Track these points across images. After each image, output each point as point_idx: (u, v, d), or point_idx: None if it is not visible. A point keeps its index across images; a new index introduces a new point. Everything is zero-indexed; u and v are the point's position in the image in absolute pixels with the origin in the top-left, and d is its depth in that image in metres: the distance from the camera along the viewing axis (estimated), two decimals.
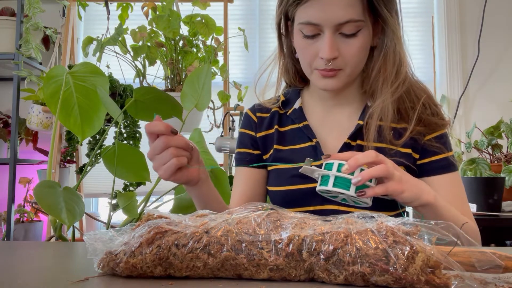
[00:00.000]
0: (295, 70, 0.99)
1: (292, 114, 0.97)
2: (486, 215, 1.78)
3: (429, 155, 0.90)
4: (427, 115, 0.89)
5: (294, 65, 0.98)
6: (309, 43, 0.84)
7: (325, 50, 0.81)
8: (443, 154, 0.90)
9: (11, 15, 2.32)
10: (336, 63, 0.83)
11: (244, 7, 2.71)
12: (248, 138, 1.01)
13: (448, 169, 0.90)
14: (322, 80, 0.86)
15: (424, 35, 2.66)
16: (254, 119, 1.01)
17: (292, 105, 0.98)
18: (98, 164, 1.72)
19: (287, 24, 0.92)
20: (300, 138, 0.94)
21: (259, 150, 0.99)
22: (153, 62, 1.91)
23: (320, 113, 0.97)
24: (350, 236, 0.50)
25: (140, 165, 1.19)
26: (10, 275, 0.58)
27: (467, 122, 2.55)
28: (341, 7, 0.78)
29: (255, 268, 0.53)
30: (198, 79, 1.16)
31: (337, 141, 0.91)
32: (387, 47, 0.86)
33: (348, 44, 0.82)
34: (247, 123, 1.02)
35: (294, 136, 0.96)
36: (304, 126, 0.94)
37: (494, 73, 2.59)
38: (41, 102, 2.17)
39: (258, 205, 0.60)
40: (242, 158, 1.01)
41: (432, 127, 0.90)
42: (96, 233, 0.59)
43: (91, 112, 1.19)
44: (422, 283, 0.47)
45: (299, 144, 0.94)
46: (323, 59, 0.82)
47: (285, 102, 1.00)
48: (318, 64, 0.84)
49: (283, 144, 0.96)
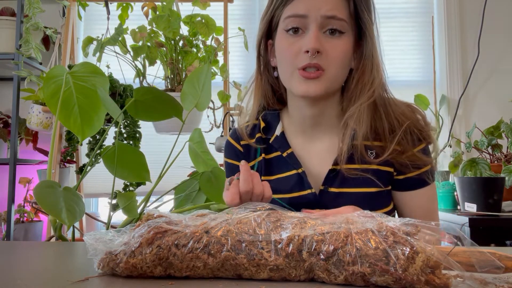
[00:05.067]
0: (272, 91, 0.97)
1: (275, 142, 0.94)
2: (486, 215, 1.78)
3: (405, 172, 0.90)
4: (406, 142, 0.88)
5: (271, 85, 0.96)
6: (293, 41, 0.84)
7: (310, 41, 0.81)
8: (418, 170, 0.90)
9: (11, 15, 2.32)
10: (319, 59, 0.82)
11: (244, 7, 2.71)
12: (236, 169, 0.94)
13: (421, 185, 0.91)
14: (303, 83, 0.83)
15: (424, 35, 2.66)
16: (240, 149, 0.98)
17: (273, 130, 0.96)
18: (98, 164, 1.72)
19: (267, 44, 0.93)
20: (286, 166, 0.93)
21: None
22: (153, 62, 1.91)
23: (302, 138, 0.94)
24: (350, 236, 0.50)
25: (140, 165, 1.20)
26: (10, 275, 0.58)
27: (467, 122, 2.55)
28: (329, 2, 0.82)
29: (255, 268, 0.53)
30: (198, 79, 1.16)
31: (323, 168, 0.90)
32: (365, 57, 0.87)
33: (332, 43, 0.83)
34: (232, 153, 1.00)
35: (279, 164, 0.94)
36: (288, 155, 0.92)
37: (494, 73, 2.59)
38: (41, 102, 2.17)
39: (258, 205, 0.60)
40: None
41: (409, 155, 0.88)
42: (96, 233, 0.59)
43: (91, 112, 1.19)
44: (422, 284, 0.47)
45: (285, 173, 0.92)
46: (307, 52, 0.81)
47: (265, 128, 0.97)
48: (301, 60, 0.82)
49: (270, 174, 0.94)
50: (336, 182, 0.89)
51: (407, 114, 0.89)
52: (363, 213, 0.55)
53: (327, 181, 0.89)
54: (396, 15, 2.66)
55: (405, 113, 0.89)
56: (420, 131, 0.90)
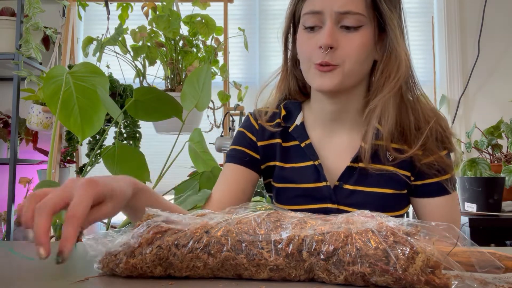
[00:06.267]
0: (297, 83, 0.98)
1: (294, 131, 0.94)
2: (486, 215, 1.78)
3: (423, 178, 0.89)
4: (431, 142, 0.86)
5: (296, 77, 0.97)
6: (310, 36, 0.84)
7: (323, 37, 0.81)
8: (437, 177, 0.88)
9: (11, 15, 2.32)
10: (334, 55, 0.81)
11: (244, 7, 2.71)
12: (248, 140, 0.97)
13: (441, 193, 0.88)
14: (319, 78, 0.83)
15: (424, 35, 2.66)
16: (256, 126, 0.98)
17: (294, 119, 0.95)
18: (98, 164, 1.72)
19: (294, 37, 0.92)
20: (303, 157, 0.92)
21: (258, 155, 0.96)
22: (153, 62, 1.91)
23: (321, 131, 0.94)
24: (350, 236, 0.50)
25: (140, 165, 1.19)
26: (10, 275, 0.58)
27: (467, 122, 2.55)
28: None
29: (255, 268, 0.53)
30: (198, 79, 1.16)
31: (339, 164, 0.89)
32: (388, 47, 0.85)
33: (348, 38, 0.82)
34: (249, 126, 0.99)
35: (296, 154, 0.93)
36: (306, 146, 0.92)
37: (494, 73, 2.59)
38: (41, 102, 2.17)
39: (259, 205, 0.60)
40: (238, 156, 0.96)
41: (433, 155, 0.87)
42: (95, 235, 0.59)
43: (91, 112, 1.18)
44: (422, 284, 0.47)
45: (301, 163, 0.92)
46: (321, 48, 0.81)
47: (286, 116, 0.97)
48: (317, 56, 0.83)
49: (285, 162, 0.94)
50: (352, 180, 0.88)
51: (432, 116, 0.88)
52: (363, 213, 0.55)
53: (342, 177, 0.88)
54: None
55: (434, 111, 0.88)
56: (446, 136, 0.88)
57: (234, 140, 1.00)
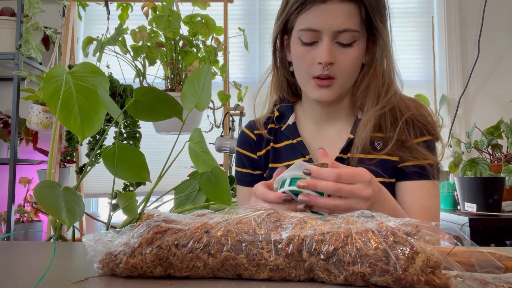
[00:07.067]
0: (288, 84, 1.02)
1: (286, 130, 0.99)
2: (486, 215, 1.78)
3: (404, 161, 0.91)
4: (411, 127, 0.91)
5: (286, 79, 1.01)
6: (307, 50, 0.87)
7: (323, 54, 0.84)
8: (417, 161, 0.90)
9: (11, 15, 2.32)
10: (332, 69, 0.86)
11: (244, 7, 2.71)
12: (247, 159, 1.03)
13: (419, 177, 0.89)
14: (317, 90, 0.88)
15: (424, 35, 2.66)
16: (253, 138, 1.03)
17: (286, 120, 1.01)
18: (98, 164, 1.72)
19: (283, 39, 0.96)
20: (294, 154, 0.97)
21: (259, 170, 1.02)
22: (153, 62, 1.91)
23: (312, 128, 0.99)
24: (350, 236, 0.50)
25: (140, 165, 1.19)
26: (10, 275, 0.58)
27: (467, 122, 2.55)
28: (340, 16, 0.83)
29: (255, 268, 0.53)
30: (198, 79, 1.16)
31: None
32: (378, 58, 0.90)
33: (344, 53, 0.86)
34: (245, 143, 1.04)
35: (288, 152, 0.98)
36: (298, 143, 0.96)
37: (494, 73, 2.59)
38: (41, 102, 2.17)
39: (258, 205, 0.60)
40: (244, 179, 1.03)
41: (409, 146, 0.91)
42: (95, 235, 0.59)
43: (91, 112, 1.18)
44: (422, 284, 0.47)
45: (293, 160, 0.95)
46: (320, 64, 0.85)
47: (279, 117, 1.02)
48: (315, 70, 0.87)
49: (278, 161, 0.98)
50: None
51: (411, 108, 0.92)
52: (363, 213, 0.55)
53: None
54: (396, 15, 2.65)
55: (409, 107, 0.92)
56: (425, 125, 0.92)
57: (236, 161, 1.06)
